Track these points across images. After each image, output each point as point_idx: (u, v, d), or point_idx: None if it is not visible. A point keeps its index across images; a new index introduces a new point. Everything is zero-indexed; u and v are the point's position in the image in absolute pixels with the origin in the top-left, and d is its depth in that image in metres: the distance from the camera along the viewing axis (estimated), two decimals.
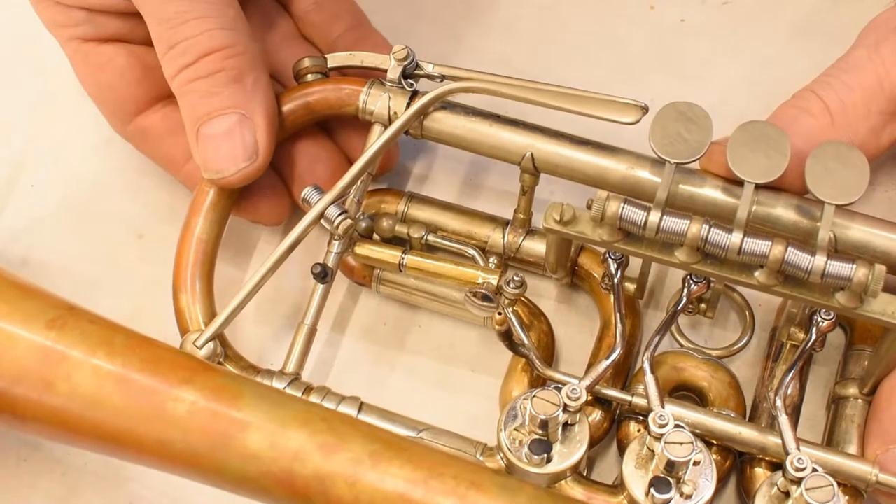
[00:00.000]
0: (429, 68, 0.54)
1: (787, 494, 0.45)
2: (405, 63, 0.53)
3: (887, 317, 0.45)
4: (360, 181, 0.53)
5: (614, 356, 0.48)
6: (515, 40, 0.63)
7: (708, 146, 0.47)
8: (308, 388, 0.50)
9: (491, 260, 0.55)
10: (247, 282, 0.50)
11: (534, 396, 0.45)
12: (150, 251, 0.59)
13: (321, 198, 0.51)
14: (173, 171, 0.57)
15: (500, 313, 0.49)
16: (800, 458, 0.45)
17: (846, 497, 0.47)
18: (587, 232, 0.47)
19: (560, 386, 0.46)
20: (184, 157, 0.55)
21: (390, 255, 0.53)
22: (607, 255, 0.50)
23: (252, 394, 0.45)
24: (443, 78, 0.54)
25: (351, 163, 0.54)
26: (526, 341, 0.50)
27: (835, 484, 0.44)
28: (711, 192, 0.49)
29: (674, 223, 0.46)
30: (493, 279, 0.51)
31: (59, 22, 0.54)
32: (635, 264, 0.51)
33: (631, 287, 0.53)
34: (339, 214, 0.51)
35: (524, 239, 0.54)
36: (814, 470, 0.44)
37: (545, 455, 0.46)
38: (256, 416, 0.44)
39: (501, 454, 0.47)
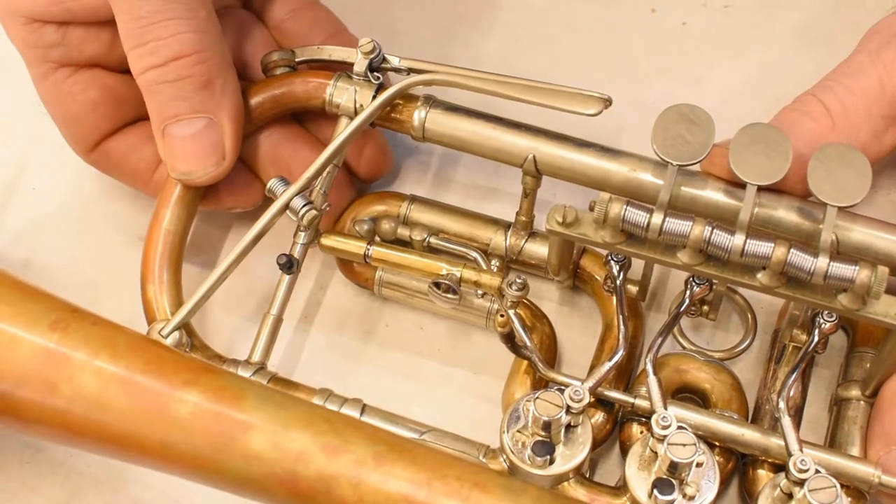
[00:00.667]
0: (395, 61, 0.54)
1: (789, 496, 0.45)
2: (371, 56, 0.53)
3: (890, 318, 0.45)
4: (325, 173, 0.53)
5: (617, 358, 0.48)
6: (516, 43, 0.63)
7: (710, 148, 0.47)
8: (275, 377, 0.51)
9: (493, 262, 0.55)
10: (213, 272, 0.51)
11: (536, 398, 0.45)
12: None
13: (286, 189, 0.52)
14: (141, 185, 0.57)
15: (502, 315, 0.49)
16: (803, 460, 0.45)
17: (849, 498, 0.47)
18: (590, 234, 0.47)
19: (563, 388, 0.46)
20: (149, 171, 0.56)
21: (356, 246, 0.53)
22: (609, 258, 0.50)
23: (255, 395, 0.45)
24: (409, 71, 0.54)
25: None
26: (528, 343, 0.50)
27: (838, 485, 0.44)
28: (713, 195, 0.49)
29: (676, 225, 0.46)
30: (457, 271, 0.51)
31: (29, 42, 0.53)
32: (637, 266, 0.52)
33: (633, 289, 0.53)
34: (305, 205, 0.51)
35: (526, 241, 0.55)
36: (817, 471, 0.44)
37: (548, 457, 0.46)
38: (259, 418, 0.44)
39: (504, 456, 0.47)
